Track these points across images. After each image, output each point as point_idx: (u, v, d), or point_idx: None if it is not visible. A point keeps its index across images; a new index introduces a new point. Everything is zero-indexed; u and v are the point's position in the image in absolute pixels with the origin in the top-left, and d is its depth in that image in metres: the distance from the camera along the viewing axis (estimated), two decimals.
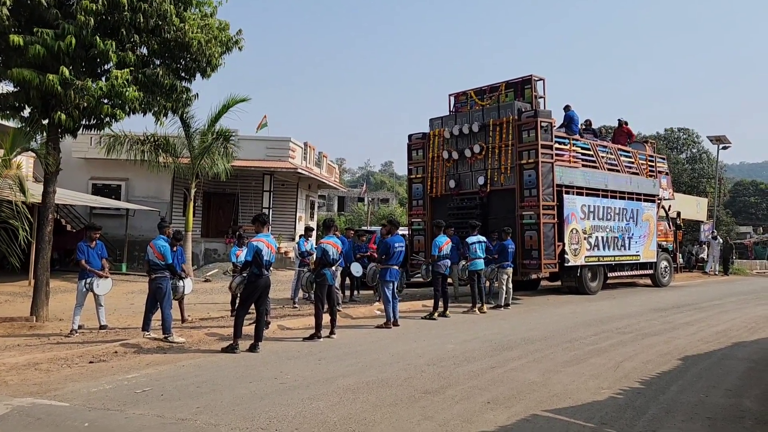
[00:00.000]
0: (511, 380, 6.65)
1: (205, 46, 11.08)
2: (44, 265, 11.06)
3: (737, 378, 6.98)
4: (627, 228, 17.37)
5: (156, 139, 17.22)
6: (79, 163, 23.74)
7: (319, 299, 9.47)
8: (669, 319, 11.72)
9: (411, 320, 11.43)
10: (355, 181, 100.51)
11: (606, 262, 16.80)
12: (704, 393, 6.23)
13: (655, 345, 8.89)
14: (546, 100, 15.94)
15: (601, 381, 6.66)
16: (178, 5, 10.89)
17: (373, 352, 8.28)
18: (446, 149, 16.32)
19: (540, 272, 14.78)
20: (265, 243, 8.50)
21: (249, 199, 26.13)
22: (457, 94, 17.44)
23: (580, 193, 15.80)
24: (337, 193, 56.17)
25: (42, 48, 9.45)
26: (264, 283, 8.58)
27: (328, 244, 9.59)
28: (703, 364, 7.69)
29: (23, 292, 15.09)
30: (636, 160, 18.24)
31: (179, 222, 21.63)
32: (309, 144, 28.02)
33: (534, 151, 14.53)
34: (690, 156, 44.53)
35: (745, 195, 64.25)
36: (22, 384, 6.46)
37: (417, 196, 17.32)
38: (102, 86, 10.10)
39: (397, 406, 5.65)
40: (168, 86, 11.06)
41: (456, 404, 5.71)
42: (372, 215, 49.16)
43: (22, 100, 10.64)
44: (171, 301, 9.57)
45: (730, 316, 12.37)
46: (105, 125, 11.56)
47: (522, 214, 14.64)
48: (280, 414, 5.38)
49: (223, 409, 5.52)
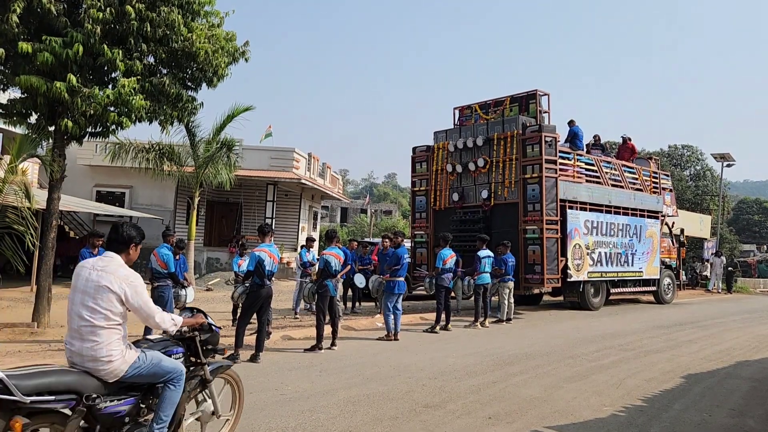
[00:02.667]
0: (512, 395, 6.62)
1: (211, 56, 11.15)
2: (47, 271, 11.06)
3: (741, 397, 6.93)
4: (630, 244, 17.34)
5: (161, 148, 17.28)
6: (84, 170, 23.83)
7: (320, 310, 9.45)
8: (672, 337, 11.66)
9: (412, 333, 11.39)
10: (358, 192, 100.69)
11: (609, 278, 16.75)
12: (708, 412, 6.18)
13: (657, 362, 8.84)
14: (550, 115, 16.02)
15: (603, 398, 6.62)
16: (186, 15, 10.97)
17: (374, 365, 8.24)
18: (450, 162, 16.35)
19: (542, 287, 14.75)
20: (267, 253, 8.51)
21: (252, 208, 26.15)
22: (461, 107, 17.51)
23: (584, 208, 15.80)
24: (340, 204, 56.24)
25: (50, 55, 9.52)
26: (266, 293, 8.57)
27: (331, 255, 9.59)
28: (706, 382, 7.64)
29: (25, 298, 15.09)
30: (640, 176, 18.24)
31: (182, 230, 21.65)
32: (313, 155, 28.08)
33: (538, 165, 14.54)
34: (694, 173, 44.48)
35: (749, 213, 64.17)
36: None
37: (420, 209, 17.33)
38: (109, 94, 10.16)
39: (397, 419, 5.61)
40: (174, 95, 11.12)
41: (457, 419, 5.67)
42: (375, 227, 49.15)
43: (29, 106, 10.69)
44: (173, 310, 9.57)
45: (734, 335, 12.31)
46: (111, 133, 11.60)
47: (525, 229, 14.63)
48: (280, 425, 5.35)
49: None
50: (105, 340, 3.59)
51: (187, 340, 4.26)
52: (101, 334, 3.59)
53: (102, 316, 3.61)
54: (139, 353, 3.78)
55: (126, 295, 3.67)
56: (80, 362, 3.58)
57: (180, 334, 4.18)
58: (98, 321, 3.60)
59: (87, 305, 3.62)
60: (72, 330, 3.65)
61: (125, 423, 3.70)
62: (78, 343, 3.60)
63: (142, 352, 3.80)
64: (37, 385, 3.25)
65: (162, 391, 3.86)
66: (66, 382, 3.40)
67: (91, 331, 3.59)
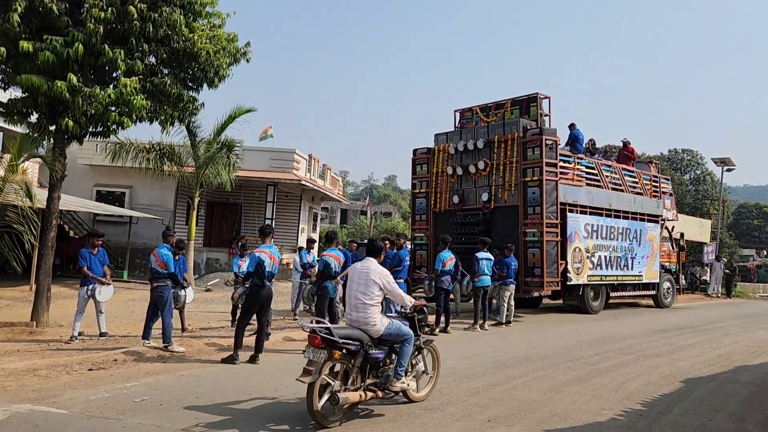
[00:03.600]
0: (511, 398, 6.61)
1: (213, 57, 11.16)
2: (46, 271, 11.05)
3: (740, 402, 6.92)
4: (630, 248, 17.34)
5: (161, 148, 17.30)
6: (84, 169, 23.83)
7: (320, 312, 9.44)
8: (671, 341, 11.66)
9: None
10: (358, 194, 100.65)
11: (608, 282, 16.74)
12: (707, 417, 6.18)
13: (657, 366, 8.83)
14: (551, 118, 16.01)
15: (602, 402, 6.61)
16: (188, 16, 10.98)
17: None
18: (451, 165, 16.35)
19: (542, 290, 14.75)
20: (267, 254, 8.48)
21: (252, 209, 26.14)
22: (462, 110, 17.51)
23: (584, 211, 15.79)
24: (340, 206, 56.20)
25: (51, 55, 9.52)
26: (266, 294, 8.56)
27: (330, 257, 9.57)
28: (705, 387, 7.63)
29: (24, 297, 15.09)
30: (640, 180, 18.24)
31: (182, 231, 21.63)
32: (313, 156, 28.08)
33: (538, 168, 14.54)
34: (694, 177, 44.47)
35: (749, 218, 64.12)
36: (21, 390, 6.43)
37: (420, 211, 17.33)
38: (110, 94, 10.16)
39: (396, 421, 5.60)
40: (175, 95, 11.13)
41: (456, 421, 5.67)
42: (374, 228, 49.13)
43: (30, 105, 10.69)
44: (172, 310, 9.55)
45: (733, 339, 12.30)
46: (111, 132, 11.61)
47: (525, 232, 14.62)
48: (279, 425, 5.33)
49: (222, 421, 5.48)
50: (371, 312, 5.76)
51: (410, 318, 6.18)
52: (369, 308, 5.77)
53: (369, 296, 5.80)
54: (389, 321, 5.89)
55: (383, 284, 5.88)
56: (357, 326, 5.75)
57: (406, 312, 6.23)
58: (367, 300, 5.78)
59: (360, 290, 5.83)
60: (350, 306, 5.87)
61: (381, 365, 5.81)
62: (354, 313, 5.81)
63: (390, 321, 5.90)
64: (342, 334, 5.50)
65: (401, 347, 5.87)
66: (356, 335, 5.61)
67: (363, 306, 5.78)
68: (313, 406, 5.25)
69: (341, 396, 5.33)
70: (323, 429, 5.32)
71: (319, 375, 5.32)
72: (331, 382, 5.43)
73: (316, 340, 5.38)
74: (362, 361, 5.64)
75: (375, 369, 5.78)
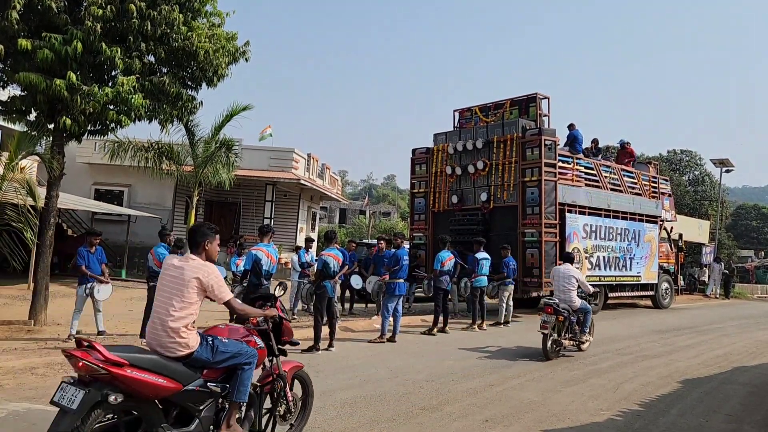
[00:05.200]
0: (509, 399, 6.61)
1: (212, 56, 11.13)
2: (44, 269, 11.03)
3: (738, 403, 6.92)
4: (629, 248, 17.33)
5: (160, 147, 17.28)
6: (83, 168, 23.79)
7: (318, 311, 9.43)
8: (669, 342, 11.66)
9: (410, 335, 11.37)
10: (357, 193, 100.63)
11: (607, 282, 16.74)
12: (705, 417, 6.18)
13: (655, 367, 8.83)
14: (550, 119, 16.00)
15: (600, 402, 6.61)
16: (187, 14, 10.96)
17: (371, 367, 8.23)
18: (450, 164, 16.34)
19: (541, 290, 14.72)
20: (265, 253, 8.48)
21: (251, 208, 26.13)
22: (461, 110, 17.49)
23: (583, 212, 15.79)
24: (339, 205, 56.18)
25: (50, 52, 9.49)
26: (263, 293, 8.53)
27: (329, 257, 9.57)
28: (703, 387, 7.63)
29: (22, 296, 15.05)
30: (639, 180, 18.23)
31: (180, 230, 21.61)
32: (312, 155, 28.07)
33: (537, 168, 14.53)
34: (693, 178, 44.50)
35: (747, 219, 64.14)
36: (18, 388, 6.42)
37: (419, 211, 17.32)
38: (108, 92, 10.13)
39: (394, 421, 5.60)
40: (174, 94, 11.10)
41: (454, 422, 5.66)
42: (373, 228, 49.13)
43: (29, 104, 10.66)
44: None
45: (731, 340, 12.30)
46: (110, 131, 11.59)
47: (524, 232, 14.62)
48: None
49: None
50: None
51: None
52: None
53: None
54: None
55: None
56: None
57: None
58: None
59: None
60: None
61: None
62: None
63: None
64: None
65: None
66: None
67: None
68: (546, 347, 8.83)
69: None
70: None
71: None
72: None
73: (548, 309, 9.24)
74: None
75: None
